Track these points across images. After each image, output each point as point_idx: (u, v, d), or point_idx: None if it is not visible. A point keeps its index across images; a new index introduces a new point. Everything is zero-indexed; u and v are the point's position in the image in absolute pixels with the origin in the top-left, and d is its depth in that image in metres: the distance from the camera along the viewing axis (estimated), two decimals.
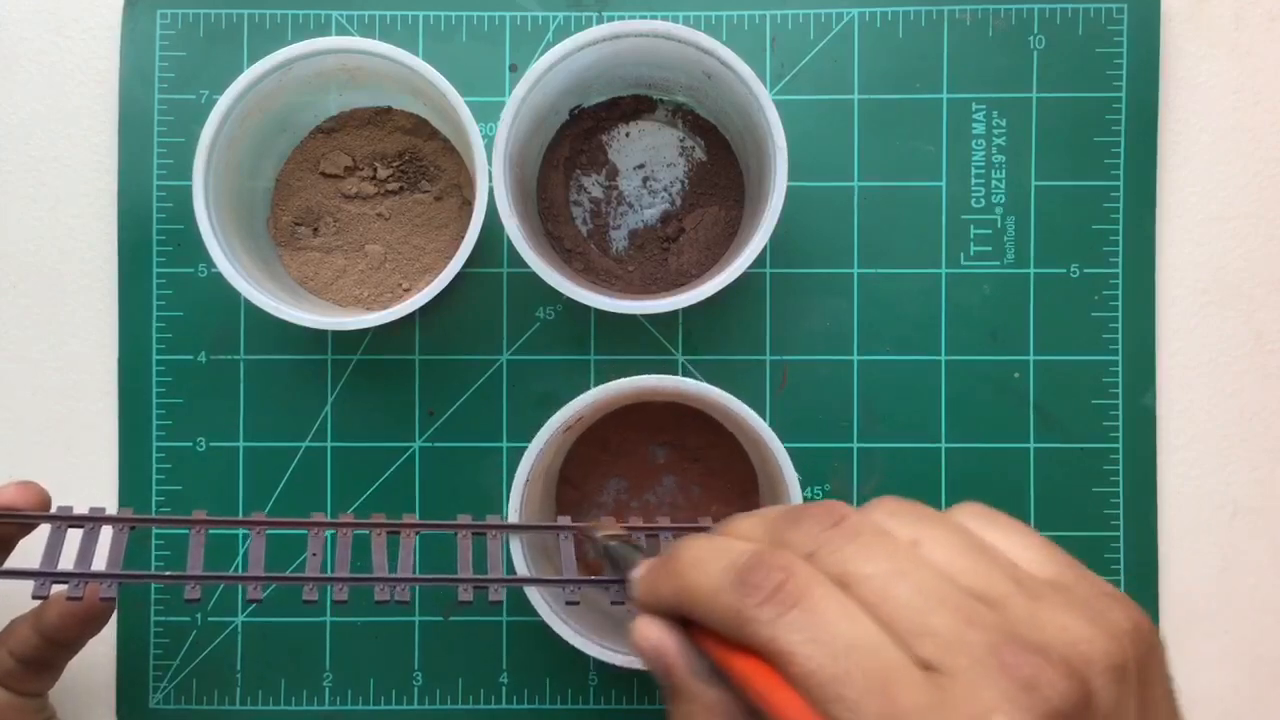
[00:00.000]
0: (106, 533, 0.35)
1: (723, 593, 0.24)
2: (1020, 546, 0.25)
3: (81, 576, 0.34)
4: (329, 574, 0.35)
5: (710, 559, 0.26)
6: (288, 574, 0.39)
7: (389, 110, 0.45)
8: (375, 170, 0.45)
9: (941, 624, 0.22)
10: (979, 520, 0.26)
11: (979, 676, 0.21)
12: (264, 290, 0.40)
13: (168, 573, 0.35)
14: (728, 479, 0.45)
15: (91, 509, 0.35)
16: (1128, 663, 0.22)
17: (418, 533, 0.36)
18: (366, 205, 0.45)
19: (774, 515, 0.27)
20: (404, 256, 0.45)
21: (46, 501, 0.37)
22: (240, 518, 0.36)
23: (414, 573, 0.35)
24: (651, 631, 0.27)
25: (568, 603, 0.36)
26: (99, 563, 0.34)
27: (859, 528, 0.25)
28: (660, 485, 0.45)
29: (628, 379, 0.39)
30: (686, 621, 0.27)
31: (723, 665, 0.25)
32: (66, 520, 0.35)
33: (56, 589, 0.34)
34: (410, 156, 0.45)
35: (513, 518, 0.39)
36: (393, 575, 0.35)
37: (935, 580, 0.23)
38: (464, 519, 0.36)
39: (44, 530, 0.35)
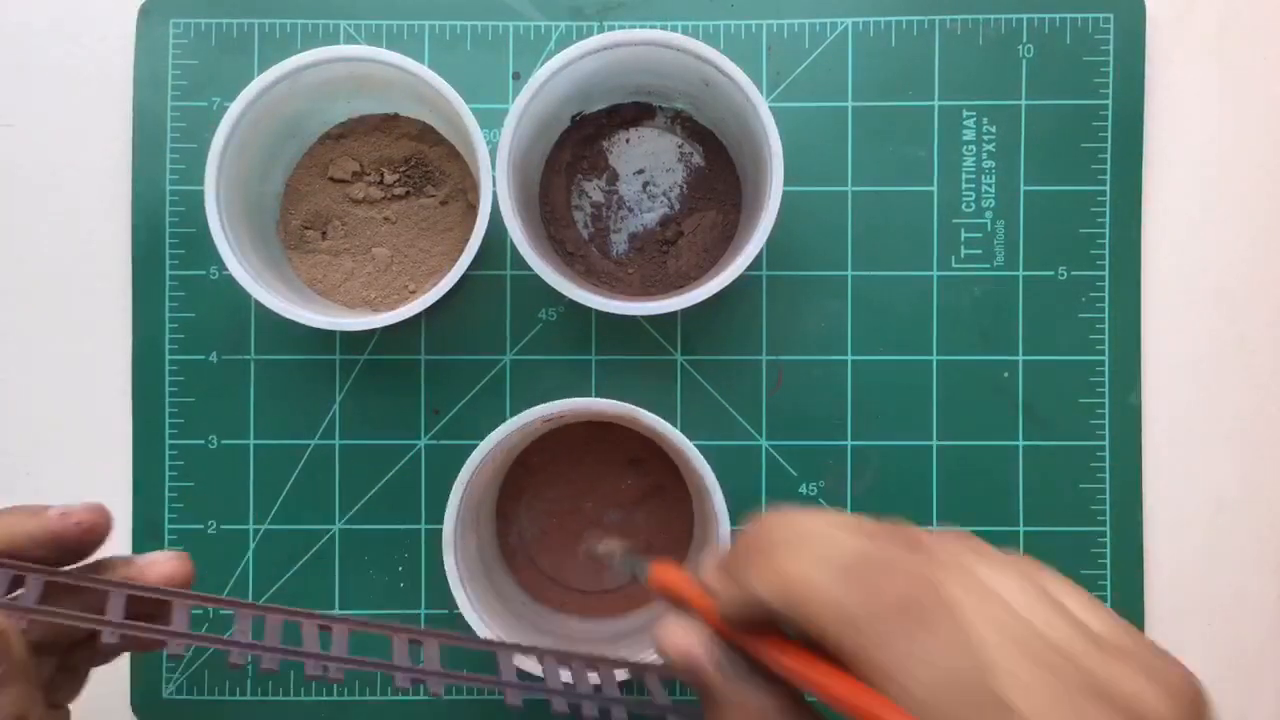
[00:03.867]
0: None
1: (834, 590, 0.23)
2: (1081, 605, 0.25)
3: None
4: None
5: (811, 546, 0.24)
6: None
7: (396, 117, 0.46)
8: (382, 175, 0.46)
9: (1022, 667, 0.22)
10: (1041, 573, 0.25)
11: None
12: (274, 292, 0.41)
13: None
14: (668, 521, 0.46)
15: None
16: None
17: (350, 631, 0.33)
18: (374, 209, 0.46)
19: (847, 520, 0.25)
20: (410, 259, 0.45)
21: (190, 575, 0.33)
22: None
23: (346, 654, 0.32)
24: (678, 635, 0.26)
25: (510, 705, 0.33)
26: None
27: (939, 559, 0.24)
28: (609, 497, 0.46)
29: (583, 400, 0.41)
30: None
31: (791, 670, 0.23)
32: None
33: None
34: (416, 162, 0.46)
35: (456, 493, 0.40)
36: (326, 654, 0.32)
37: (1014, 623, 0.23)
38: (395, 625, 0.33)
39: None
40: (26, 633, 0.30)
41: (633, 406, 0.40)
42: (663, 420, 0.40)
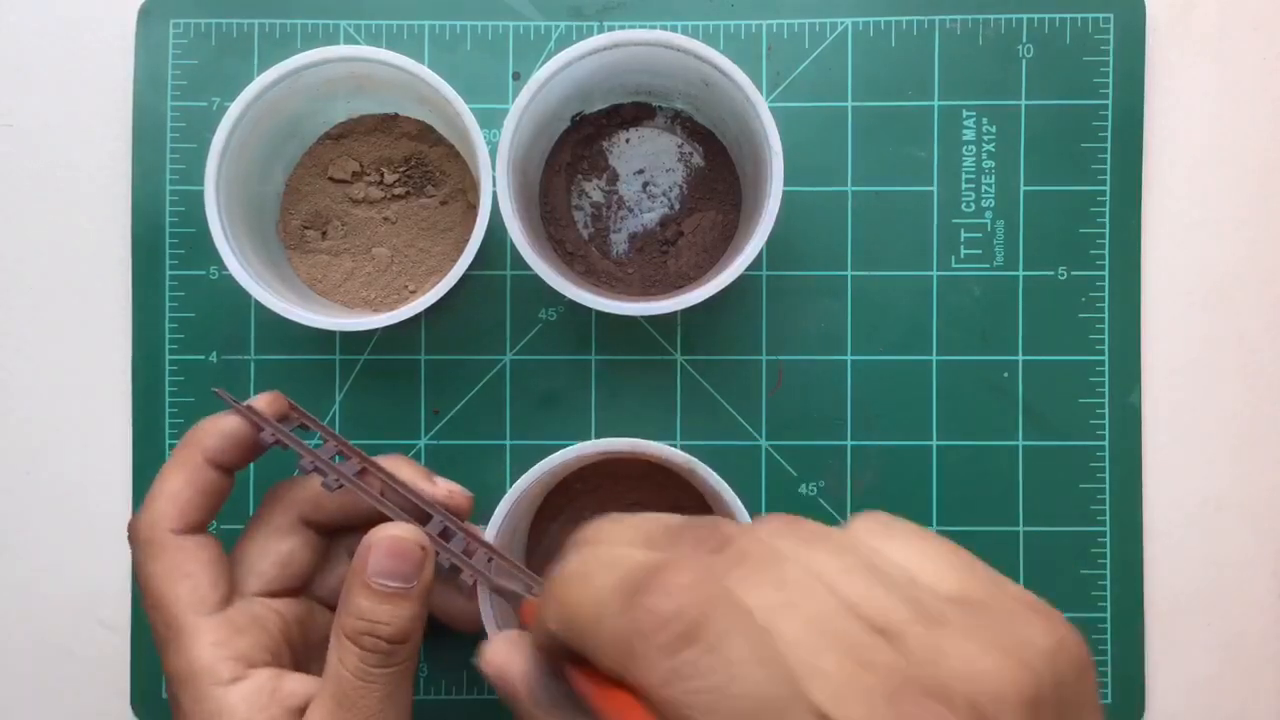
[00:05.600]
0: None
1: (609, 617, 0.20)
2: (921, 558, 0.22)
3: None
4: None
5: (595, 573, 0.21)
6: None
7: (395, 117, 0.46)
8: (382, 175, 0.46)
9: (833, 666, 0.19)
10: (876, 532, 0.23)
11: None
12: (274, 292, 0.41)
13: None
14: None
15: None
16: (1043, 692, 0.20)
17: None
18: (373, 209, 0.46)
19: (651, 528, 0.23)
20: (410, 259, 0.46)
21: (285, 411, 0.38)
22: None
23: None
24: (497, 653, 0.24)
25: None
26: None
27: (745, 551, 0.21)
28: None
29: (648, 444, 0.38)
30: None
31: (591, 703, 0.21)
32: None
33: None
34: (416, 162, 0.46)
35: (502, 509, 0.39)
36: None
37: (827, 612, 0.20)
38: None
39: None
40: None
41: (695, 460, 0.38)
42: (726, 485, 0.38)
